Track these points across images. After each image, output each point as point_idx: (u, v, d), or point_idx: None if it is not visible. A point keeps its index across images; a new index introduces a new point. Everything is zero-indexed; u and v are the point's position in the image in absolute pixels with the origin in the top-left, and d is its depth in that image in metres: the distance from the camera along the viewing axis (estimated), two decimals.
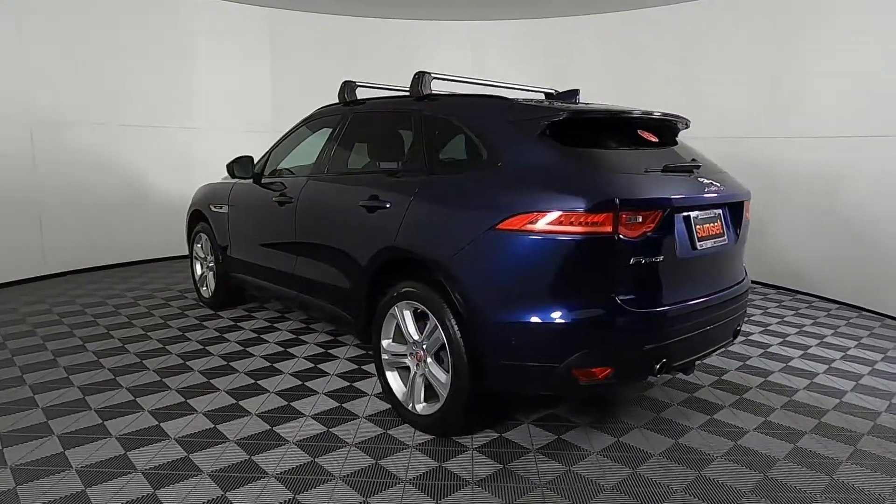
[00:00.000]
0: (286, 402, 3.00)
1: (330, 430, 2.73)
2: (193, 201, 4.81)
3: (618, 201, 2.14)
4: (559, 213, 2.17)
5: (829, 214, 5.04)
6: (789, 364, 3.68)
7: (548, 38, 7.03)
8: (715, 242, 2.55)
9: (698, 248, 2.46)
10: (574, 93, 2.99)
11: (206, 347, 3.81)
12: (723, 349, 2.94)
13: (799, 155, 5.22)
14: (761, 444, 2.64)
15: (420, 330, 2.69)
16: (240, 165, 3.90)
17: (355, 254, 2.95)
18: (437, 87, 2.97)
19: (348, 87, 3.45)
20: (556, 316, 2.22)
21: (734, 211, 2.69)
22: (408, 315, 2.69)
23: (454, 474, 2.37)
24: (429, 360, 2.63)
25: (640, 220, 2.20)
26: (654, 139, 2.65)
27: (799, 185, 5.25)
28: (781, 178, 5.33)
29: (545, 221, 2.19)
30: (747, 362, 3.69)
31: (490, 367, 2.38)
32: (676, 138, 2.82)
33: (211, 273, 4.67)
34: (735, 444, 2.65)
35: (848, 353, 3.92)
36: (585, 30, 6.81)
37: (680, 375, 3.32)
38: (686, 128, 2.86)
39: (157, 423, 2.77)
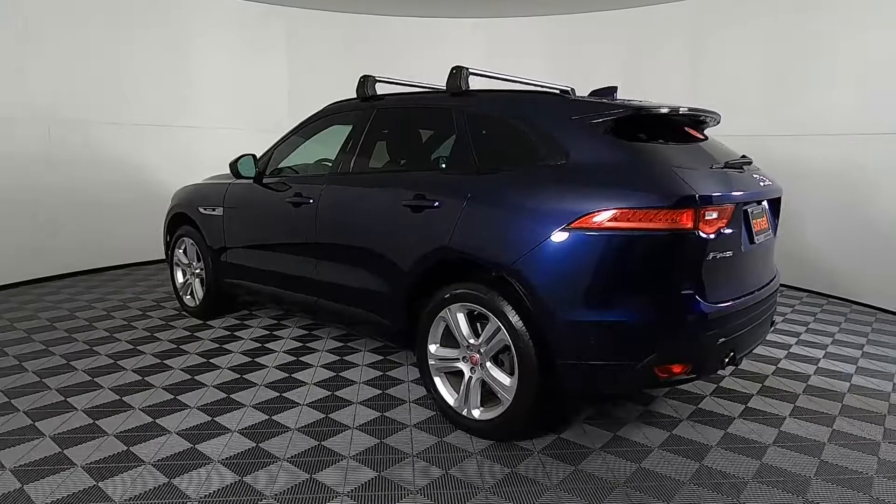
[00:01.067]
0: (324, 415, 2.84)
1: (384, 441, 2.59)
2: (174, 204, 4.47)
3: (698, 197, 2.15)
4: (639, 210, 2.16)
5: (850, 212, 5.00)
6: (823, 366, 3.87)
7: (555, 35, 7.02)
8: (765, 237, 2.63)
9: (756, 241, 2.52)
10: (612, 90, 3.00)
11: (210, 360, 3.55)
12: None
13: (816, 152, 5.17)
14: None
15: (475, 333, 2.61)
16: (244, 165, 3.65)
17: (397, 256, 2.82)
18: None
19: (368, 81, 3.30)
20: (637, 314, 2.22)
21: (774, 205, 2.78)
22: (462, 318, 2.60)
23: (530, 479, 2.31)
24: (488, 363, 2.56)
25: (716, 215, 2.22)
26: (701, 136, 2.70)
27: (820, 182, 5.15)
28: (799, 176, 5.18)
29: (625, 219, 2.17)
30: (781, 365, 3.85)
31: (562, 369, 2.34)
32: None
33: (198, 280, 4.36)
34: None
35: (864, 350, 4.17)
36: (593, 27, 6.83)
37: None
38: (717, 124, 2.93)
39: (190, 445, 2.53)
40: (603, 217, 2.19)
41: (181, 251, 4.46)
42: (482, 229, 2.47)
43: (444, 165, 2.82)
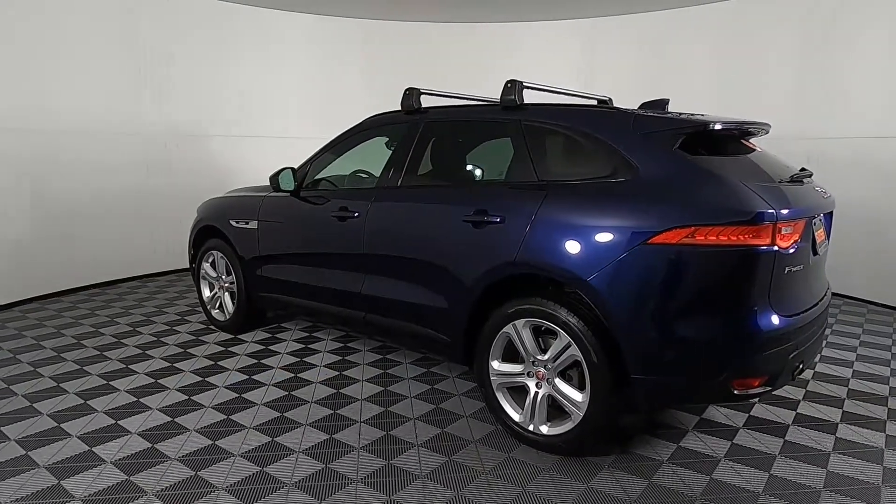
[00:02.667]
0: (385, 432, 2.82)
1: (452, 458, 2.59)
2: (201, 216, 4.40)
3: (775, 213, 2.18)
4: (717, 226, 2.18)
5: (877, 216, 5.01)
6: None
7: (580, 39, 7.02)
8: (824, 249, 2.67)
9: (818, 253, 2.56)
10: (664, 102, 3.02)
11: (253, 377, 3.50)
12: None
13: (847, 154, 5.17)
14: None
15: (540, 348, 2.62)
16: (284, 178, 3.61)
17: (456, 272, 2.81)
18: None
19: (414, 94, 3.29)
20: (714, 329, 2.24)
21: (829, 217, 2.83)
22: (528, 333, 2.61)
23: (607, 495, 2.32)
24: (556, 379, 2.56)
25: (791, 230, 2.25)
26: (758, 148, 2.73)
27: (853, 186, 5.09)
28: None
29: (703, 235, 2.19)
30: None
31: (637, 384, 2.35)
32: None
33: (227, 294, 4.30)
34: None
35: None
36: (618, 30, 6.81)
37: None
38: (766, 134, 2.96)
39: (258, 468, 2.50)
40: (682, 233, 2.20)
41: (209, 264, 4.39)
42: (553, 245, 2.47)
43: (502, 180, 2.82)
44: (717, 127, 2.42)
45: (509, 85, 2.87)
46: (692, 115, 2.68)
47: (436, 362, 3.72)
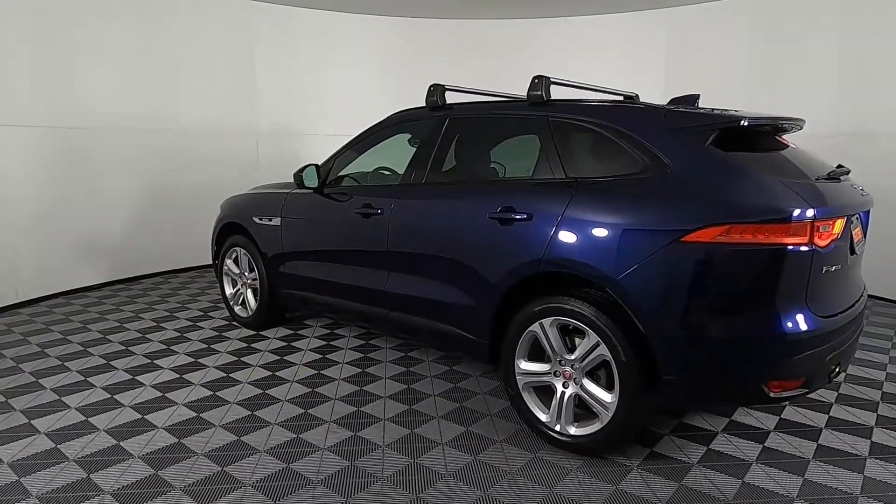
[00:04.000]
0: (409, 430, 2.80)
1: (478, 458, 2.56)
2: (225, 213, 4.43)
3: (814, 211, 2.12)
4: (753, 224, 2.12)
5: None
6: None
7: (619, 35, 6.93)
8: (860, 248, 2.60)
9: (856, 252, 2.49)
10: (694, 98, 2.97)
11: (276, 373, 3.51)
12: None
13: (886, 151, 5.02)
14: None
15: (567, 347, 2.58)
16: (308, 175, 3.61)
17: (482, 269, 2.78)
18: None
19: (438, 90, 3.26)
20: (750, 329, 2.19)
21: (866, 215, 2.75)
22: (555, 332, 2.57)
23: (638, 497, 2.28)
24: (584, 379, 2.53)
25: (829, 228, 2.19)
26: (791, 144, 2.66)
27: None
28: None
29: (738, 233, 2.13)
30: None
31: (668, 385, 2.31)
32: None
33: (250, 291, 4.32)
34: None
35: None
36: (648, 26, 6.72)
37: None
38: (800, 130, 2.89)
39: (284, 464, 2.50)
40: (715, 231, 2.15)
41: (231, 261, 4.42)
42: (582, 242, 2.43)
43: (528, 177, 2.78)
44: (750, 123, 2.36)
45: (536, 80, 2.83)
46: (724, 110, 2.62)
47: (458, 360, 3.70)
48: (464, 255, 2.87)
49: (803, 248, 2.13)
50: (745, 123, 2.38)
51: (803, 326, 2.17)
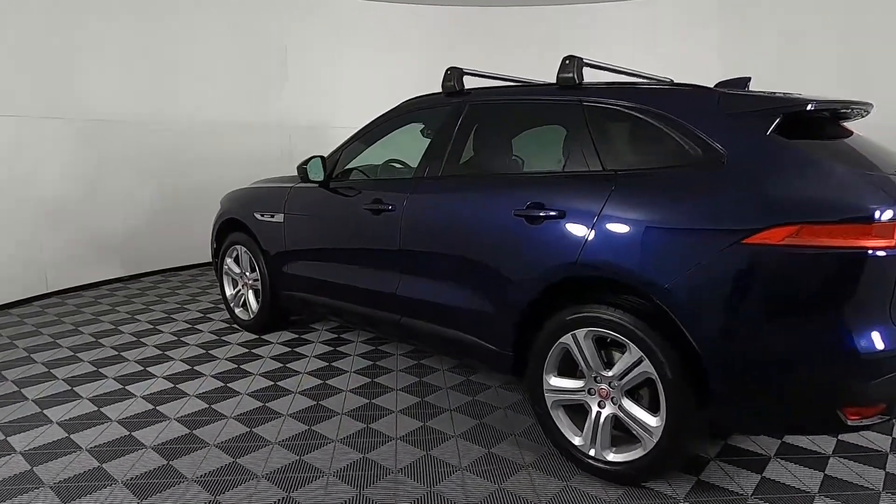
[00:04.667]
0: (424, 451, 2.52)
1: (502, 486, 2.27)
2: (225, 209, 4.15)
3: None
4: (828, 224, 1.81)
5: None
6: None
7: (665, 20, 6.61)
8: None
9: None
10: (744, 81, 2.65)
11: (278, 383, 3.23)
12: None
13: None
14: None
15: (604, 362, 2.28)
16: (313, 167, 3.32)
17: (507, 272, 2.48)
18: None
19: (455, 74, 2.96)
20: (825, 347, 1.87)
21: None
22: (590, 345, 2.27)
23: None
24: (624, 399, 2.23)
25: None
26: (854, 132, 2.34)
27: None
28: None
29: (810, 235, 1.82)
30: None
31: (725, 409, 2.01)
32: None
33: (251, 292, 4.05)
34: None
35: None
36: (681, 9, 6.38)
37: None
38: (864, 116, 2.56)
39: (284, 493, 2.22)
40: (784, 232, 1.84)
41: (232, 260, 4.14)
42: (624, 244, 2.13)
43: (559, 169, 2.47)
44: (817, 106, 2.04)
45: (567, 61, 2.53)
46: (785, 94, 2.31)
47: (476, 369, 3.40)
48: (485, 256, 2.57)
49: (887, 253, 1.81)
50: (812, 107, 2.06)
51: (885, 344, 1.86)
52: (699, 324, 1.99)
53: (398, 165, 3.64)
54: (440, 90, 3.06)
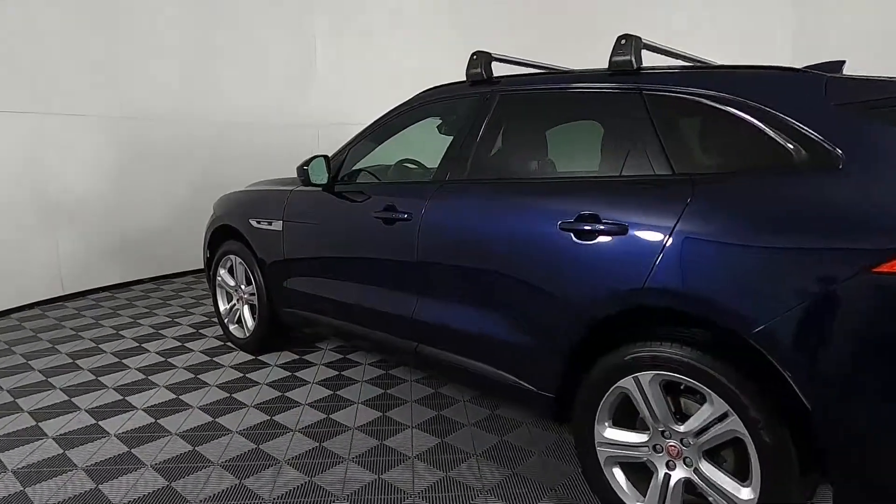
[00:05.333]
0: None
1: None
2: (218, 214, 3.72)
3: None
4: None
5: None
6: None
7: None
8: None
9: None
10: (838, 65, 2.20)
11: (274, 417, 2.80)
12: None
13: None
14: None
15: (674, 413, 1.83)
16: (315, 169, 2.88)
17: (551, 298, 2.04)
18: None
19: (483, 59, 2.51)
20: None
21: None
22: (657, 391, 1.82)
23: None
24: (702, 461, 1.78)
25: None
26: None
27: None
28: None
29: None
30: None
31: (842, 481, 1.56)
32: None
33: (247, 308, 3.62)
34: None
35: None
36: None
37: None
38: None
39: None
40: None
41: (226, 271, 3.71)
42: (708, 268, 1.68)
43: (616, 172, 2.02)
44: None
45: (623, 41, 2.08)
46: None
47: (498, 402, 2.96)
48: (522, 276, 2.12)
49: None
50: None
51: None
52: (810, 373, 1.54)
53: (413, 166, 3.20)
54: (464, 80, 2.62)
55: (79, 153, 4.91)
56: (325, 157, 2.92)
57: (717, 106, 1.84)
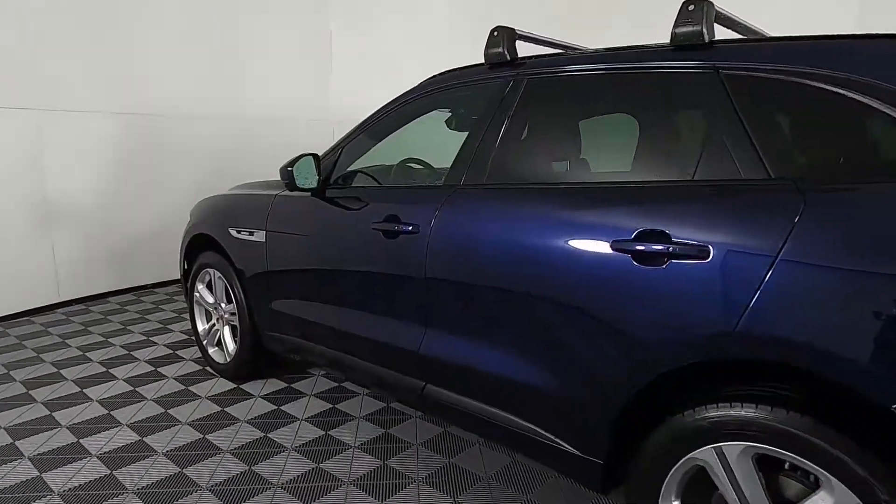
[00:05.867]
0: None
1: None
2: (195, 221, 3.26)
3: None
4: None
5: None
6: None
7: None
8: None
9: None
10: None
11: (253, 467, 2.34)
12: None
13: None
14: None
15: (767, 494, 1.38)
16: (302, 170, 2.42)
17: (601, 339, 1.58)
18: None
19: (505, 35, 2.05)
20: None
21: None
22: (748, 468, 1.37)
23: None
24: None
25: None
26: None
27: None
28: None
29: None
30: None
31: None
32: None
33: (228, 329, 3.16)
34: None
35: None
36: None
37: None
38: None
39: None
40: None
41: (204, 286, 3.26)
42: (831, 311, 1.22)
43: (687, 175, 1.56)
44: None
45: (691, 6, 1.62)
46: None
47: (523, 449, 2.50)
48: (561, 309, 1.67)
49: None
50: None
51: None
52: None
53: (419, 167, 2.75)
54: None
55: (80, 150, 4.56)
56: (315, 156, 2.45)
57: (827, 88, 1.37)
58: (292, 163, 2.41)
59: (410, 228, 2.05)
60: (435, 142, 2.55)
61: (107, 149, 4.73)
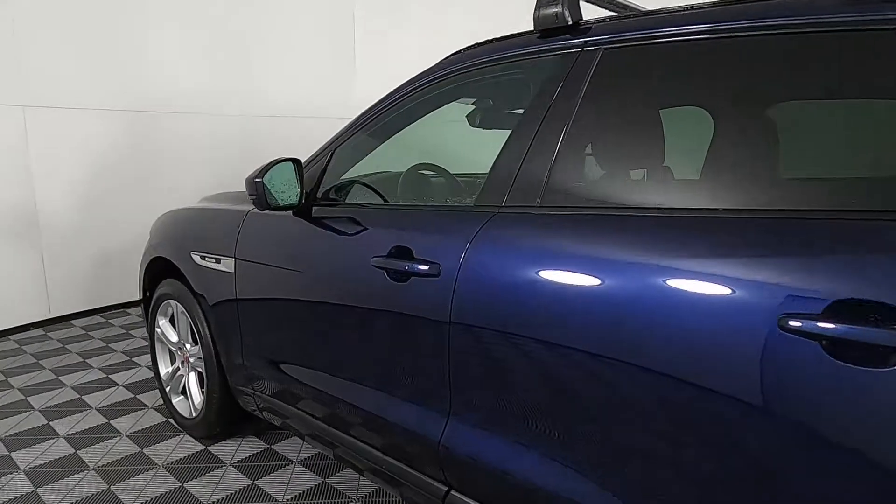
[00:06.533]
0: None
1: None
2: (153, 243, 2.63)
3: None
4: None
5: None
6: None
7: None
8: None
9: None
10: None
11: None
12: None
13: None
14: None
15: None
16: (277, 179, 1.78)
17: (759, 452, 0.95)
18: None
19: None
20: None
21: None
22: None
23: None
24: None
25: None
26: None
27: None
28: None
29: None
30: None
31: None
32: None
33: (194, 375, 2.54)
34: None
35: None
36: None
37: None
38: None
39: None
40: None
41: (167, 321, 2.64)
42: None
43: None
44: None
45: None
46: None
47: None
48: (680, 408, 1.04)
49: None
50: None
51: None
52: None
53: (436, 178, 2.12)
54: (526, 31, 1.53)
55: (77, 148, 4.19)
56: (296, 161, 1.81)
57: None
58: (263, 171, 1.76)
59: (427, 269, 1.42)
60: (465, 138, 1.90)
61: (101, 147, 4.32)
